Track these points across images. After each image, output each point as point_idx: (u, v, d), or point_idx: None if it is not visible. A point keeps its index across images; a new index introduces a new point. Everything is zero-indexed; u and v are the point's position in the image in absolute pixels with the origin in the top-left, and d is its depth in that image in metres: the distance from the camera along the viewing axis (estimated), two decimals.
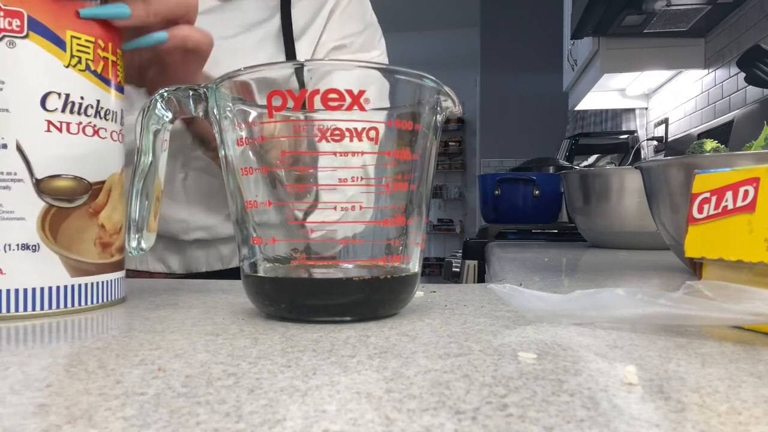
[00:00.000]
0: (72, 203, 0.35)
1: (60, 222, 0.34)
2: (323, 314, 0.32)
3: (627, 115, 2.38)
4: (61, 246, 0.34)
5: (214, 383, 0.20)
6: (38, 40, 0.33)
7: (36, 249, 0.34)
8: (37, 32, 0.33)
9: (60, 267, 0.35)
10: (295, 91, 0.30)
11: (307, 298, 0.32)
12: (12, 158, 0.33)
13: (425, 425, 0.17)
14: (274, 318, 0.33)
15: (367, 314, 0.33)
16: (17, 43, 0.33)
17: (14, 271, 0.33)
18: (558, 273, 0.60)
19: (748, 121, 1.24)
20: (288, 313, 0.32)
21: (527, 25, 4.20)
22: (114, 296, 0.38)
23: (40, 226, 0.34)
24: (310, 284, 0.32)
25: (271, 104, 0.30)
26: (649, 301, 0.28)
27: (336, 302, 0.31)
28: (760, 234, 0.29)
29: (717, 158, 0.56)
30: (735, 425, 0.16)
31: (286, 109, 0.31)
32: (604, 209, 0.98)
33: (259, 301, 0.33)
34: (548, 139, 3.94)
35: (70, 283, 0.35)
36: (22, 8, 0.33)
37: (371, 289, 0.32)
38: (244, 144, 0.32)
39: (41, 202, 0.34)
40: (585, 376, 0.21)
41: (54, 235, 0.34)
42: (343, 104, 0.30)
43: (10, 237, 0.33)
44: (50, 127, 0.34)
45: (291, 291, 0.32)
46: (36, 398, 0.19)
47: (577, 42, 2.08)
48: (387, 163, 0.32)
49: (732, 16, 1.46)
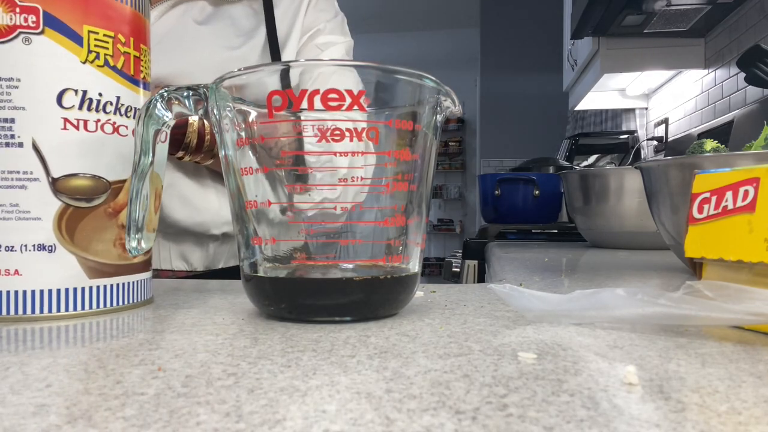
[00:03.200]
0: (90, 203, 0.34)
1: (77, 222, 0.34)
2: (323, 314, 0.32)
3: (627, 115, 2.38)
4: (78, 247, 0.34)
5: (214, 383, 0.20)
6: (54, 36, 0.33)
7: (52, 250, 0.33)
8: (52, 28, 0.33)
9: (77, 268, 0.34)
10: (295, 90, 0.30)
11: (307, 298, 0.32)
12: (28, 157, 0.33)
13: (425, 425, 0.17)
14: (274, 318, 0.33)
15: (367, 314, 0.33)
16: (33, 39, 0.32)
17: (31, 272, 0.33)
18: (558, 273, 0.60)
19: (748, 121, 1.24)
20: (288, 314, 0.32)
21: (527, 25, 4.19)
22: (138, 298, 0.37)
23: (56, 226, 0.33)
24: (310, 284, 0.32)
25: (271, 104, 0.30)
26: (649, 301, 0.28)
27: (336, 302, 0.31)
28: (760, 234, 0.29)
29: (717, 158, 0.56)
30: (735, 425, 0.16)
31: (286, 110, 0.31)
32: (604, 209, 0.98)
33: (259, 302, 0.33)
34: (548, 139, 3.94)
35: (88, 285, 0.34)
36: (37, 4, 0.32)
37: (371, 289, 0.32)
38: (244, 144, 0.32)
39: (57, 202, 0.33)
40: (585, 376, 0.21)
41: (71, 235, 0.34)
42: (343, 104, 0.30)
43: (26, 237, 0.33)
44: (67, 124, 0.33)
45: (291, 291, 0.32)
46: (36, 398, 0.19)
47: (577, 42, 2.08)
48: (387, 162, 0.32)
49: (732, 16, 1.46)
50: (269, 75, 0.33)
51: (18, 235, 0.32)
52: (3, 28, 0.32)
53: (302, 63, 0.35)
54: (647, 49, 1.70)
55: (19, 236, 0.32)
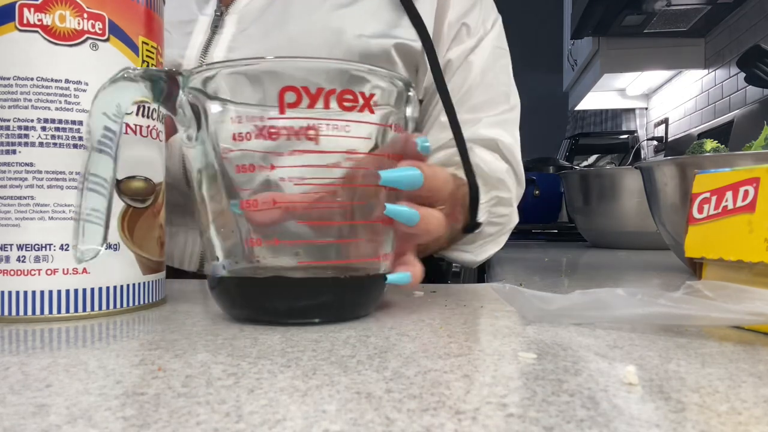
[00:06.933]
0: (144, 203, 0.36)
1: (135, 221, 0.35)
2: (296, 316, 0.31)
3: (627, 115, 2.38)
4: (136, 245, 0.36)
5: (214, 383, 0.20)
6: (117, 44, 0.34)
7: (117, 248, 0.34)
8: (116, 36, 0.34)
9: (135, 265, 0.35)
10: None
11: (275, 301, 0.31)
12: None
13: (425, 425, 0.17)
14: (244, 321, 0.32)
15: (338, 316, 0.32)
16: (100, 45, 0.34)
17: (98, 270, 0.34)
18: (558, 273, 0.60)
19: (748, 121, 1.24)
20: (256, 316, 0.32)
21: (527, 25, 4.19)
22: (164, 293, 0.40)
23: (120, 225, 0.35)
24: (277, 285, 0.31)
25: (283, 100, 0.29)
26: (649, 301, 0.28)
27: (304, 304, 0.31)
28: (760, 234, 0.29)
29: (717, 158, 0.56)
30: (735, 425, 0.16)
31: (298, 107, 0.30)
32: (604, 209, 0.98)
33: (227, 305, 0.33)
34: (548, 139, 3.93)
35: (142, 281, 0.36)
36: (103, 11, 0.34)
37: (341, 289, 0.31)
38: (203, 143, 0.31)
39: (121, 203, 0.35)
40: (585, 376, 0.21)
41: (131, 234, 0.35)
42: (356, 105, 0.30)
43: None
44: (128, 129, 0.35)
45: (258, 293, 0.32)
46: (36, 398, 0.19)
47: (577, 42, 2.08)
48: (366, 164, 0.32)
49: (732, 16, 1.46)
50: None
51: None
52: (71, 32, 0.33)
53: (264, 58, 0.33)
54: (647, 49, 1.70)
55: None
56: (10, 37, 0.32)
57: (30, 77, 0.32)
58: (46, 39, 0.32)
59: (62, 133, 0.33)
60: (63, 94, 0.33)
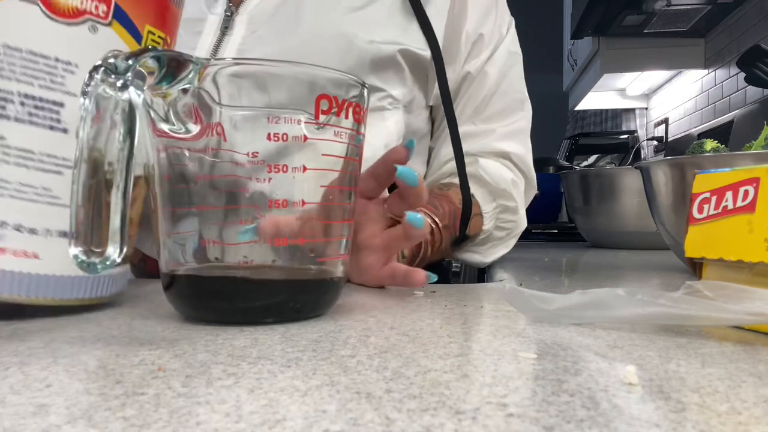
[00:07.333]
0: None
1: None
2: (251, 316, 0.31)
3: (627, 115, 2.38)
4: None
5: (214, 383, 0.20)
6: (119, 30, 0.33)
7: None
8: (120, 21, 0.33)
9: None
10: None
11: (227, 300, 0.31)
12: (68, 144, 0.32)
13: (425, 425, 0.17)
14: (199, 322, 0.32)
15: (291, 316, 0.32)
16: (99, 29, 0.32)
17: (50, 257, 0.32)
18: (558, 273, 0.60)
19: (748, 121, 1.24)
20: (210, 317, 0.32)
21: (527, 25, 4.19)
22: (122, 287, 0.39)
23: None
24: (227, 285, 0.31)
25: (318, 108, 0.30)
26: (649, 301, 0.28)
27: (258, 304, 0.31)
28: (760, 234, 0.29)
29: (717, 158, 0.56)
30: (735, 425, 0.16)
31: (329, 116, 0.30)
32: (604, 209, 0.98)
33: (182, 305, 0.33)
34: (548, 139, 3.92)
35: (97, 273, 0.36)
36: None
37: (293, 290, 0.32)
38: (168, 148, 0.30)
39: None
40: (585, 376, 0.21)
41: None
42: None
43: (51, 223, 0.33)
44: None
45: (212, 293, 0.31)
46: (36, 398, 0.19)
47: (577, 42, 2.08)
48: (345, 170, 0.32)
49: (732, 16, 1.46)
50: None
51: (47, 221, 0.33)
52: (71, 9, 0.31)
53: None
54: (647, 49, 1.70)
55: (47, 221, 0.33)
56: (8, 3, 0.31)
57: (19, 48, 0.31)
58: (44, 12, 0.31)
59: (40, 112, 0.31)
60: (50, 72, 0.31)
